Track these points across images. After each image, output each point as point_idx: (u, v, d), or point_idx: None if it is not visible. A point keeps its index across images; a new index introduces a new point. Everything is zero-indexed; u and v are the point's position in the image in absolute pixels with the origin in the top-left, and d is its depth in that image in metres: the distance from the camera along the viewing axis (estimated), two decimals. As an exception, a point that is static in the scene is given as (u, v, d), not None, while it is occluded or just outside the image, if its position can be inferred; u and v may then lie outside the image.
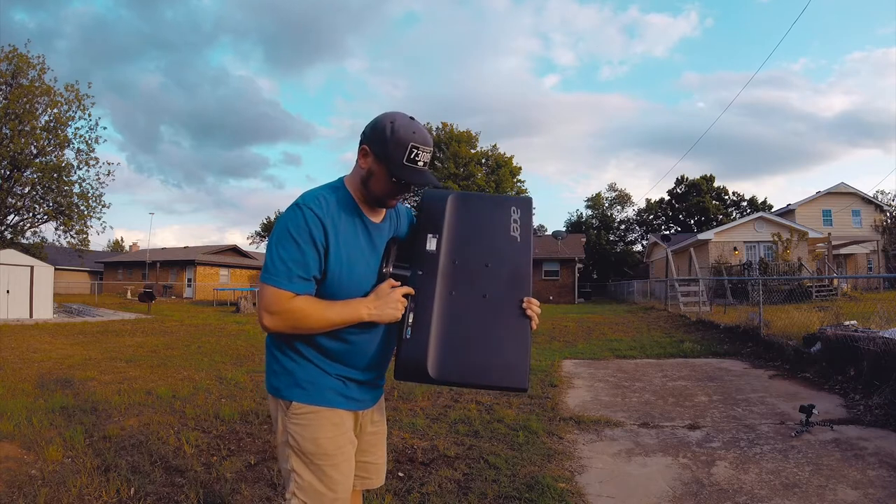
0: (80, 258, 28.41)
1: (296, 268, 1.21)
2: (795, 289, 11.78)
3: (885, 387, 4.28)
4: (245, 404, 4.46)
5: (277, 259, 1.21)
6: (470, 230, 1.42)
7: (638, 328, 11.28)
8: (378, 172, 1.29)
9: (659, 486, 2.77)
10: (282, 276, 1.21)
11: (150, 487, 2.69)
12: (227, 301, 24.37)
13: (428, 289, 1.33)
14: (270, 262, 1.22)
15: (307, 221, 1.22)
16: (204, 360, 7.25)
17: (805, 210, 28.15)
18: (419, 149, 1.26)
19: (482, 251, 1.40)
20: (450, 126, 46.71)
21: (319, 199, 1.27)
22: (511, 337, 1.32)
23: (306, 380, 1.31)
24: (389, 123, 1.27)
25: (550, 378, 5.70)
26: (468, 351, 1.30)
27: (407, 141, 1.25)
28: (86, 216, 21.40)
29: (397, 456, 3.17)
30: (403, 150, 1.25)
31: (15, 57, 19.45)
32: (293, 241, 1.22)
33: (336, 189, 1.33)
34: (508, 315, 1.34)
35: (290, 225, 1.23)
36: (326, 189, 1.33)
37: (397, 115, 1.29)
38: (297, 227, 1.22)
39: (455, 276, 1.36)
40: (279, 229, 1.25)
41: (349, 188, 1.35)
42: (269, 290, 1.21)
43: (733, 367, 6.34)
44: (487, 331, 1.32)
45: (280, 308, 1.21)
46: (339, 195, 1.32)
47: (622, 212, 54.43)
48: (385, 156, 1.26)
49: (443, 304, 1.32)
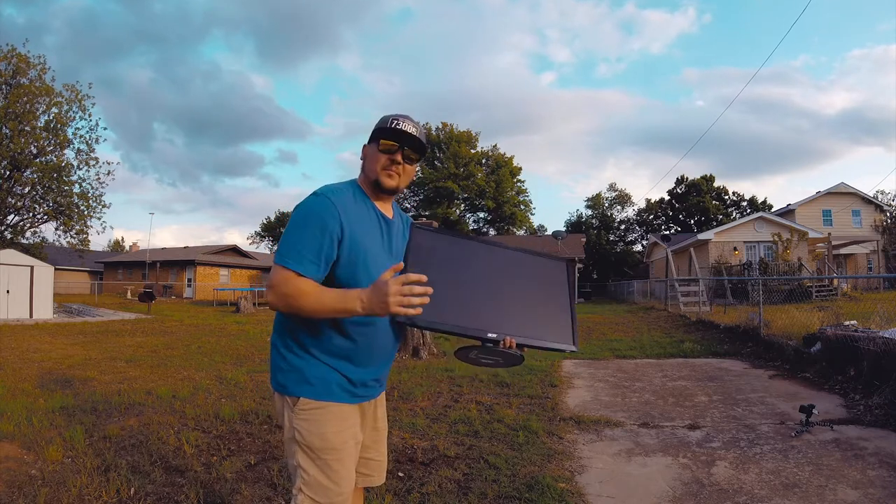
0: (80, 258, 28.45)
1: (306, 251, 1.27)
2: (795, 289, 11.78)
3: (885, 387, 4.28)
4: (245, 404, 4.46)
5: (290, 242, 1.28)
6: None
7: (638, 328, 11.28)
8: (369, 152, 1.43)
9: (659, 486, 2.77)
10: (292, 257, 1.26)
11: (150, 487, 2.69)
12: (227, 301, 24.34)
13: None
14: (283, 245, 1.29)
15: (323, 208, 1.29)
16: (204, 360, 7.25)
17: (805, 210, 28.15)
18: (398, 119, 1.39)
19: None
20: (450, 126, 46.70)
21: (337, 190, 1.36)
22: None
23: (314, 376, 1.33)
24: (382, 118, 1.43)
25: (550, 378, 5.70)
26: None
27: (387, 117, 1.41)
28: (86, 216, 21.44)
29: (397, 456, 3.17)
30: (384, 122, 1.40)
31: (14, 57, 19.46)
32: (308, 226, 1.28)
33: (352, 184, 1.44)
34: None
35: (306, 211, 1.31)
36: (344, 183, 1.43)
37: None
38: (314, 213, 1.29)
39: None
40: (297, 215, 1.32)
41: (361, 186, 1.45)
42: (278, 269, 1.28)
43: (733, 367, 6.34)
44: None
45: (281, 285, 1.26)
46: (355, 190, 1.42)
47: (622, 212, 54.47)
48: (372, 135, 1.43)
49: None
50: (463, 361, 1.42)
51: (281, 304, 1.27)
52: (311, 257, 1.26)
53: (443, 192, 44.78)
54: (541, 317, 1.44)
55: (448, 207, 45.21)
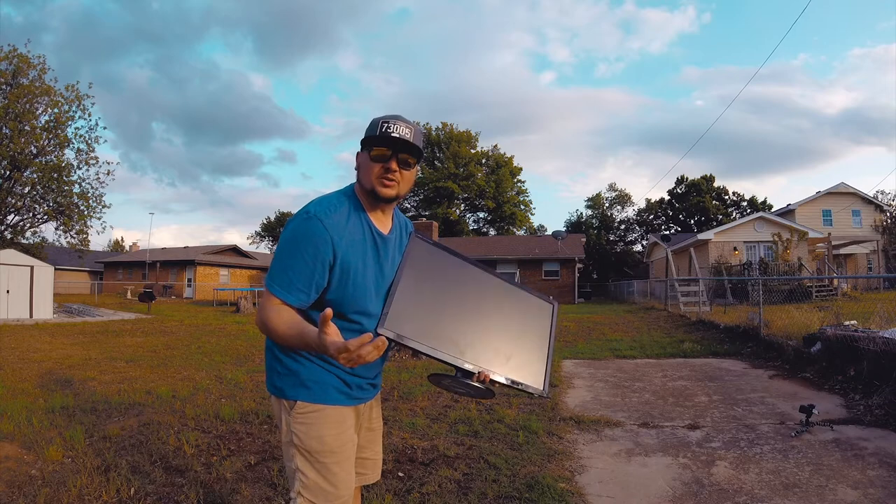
0: (80, 258, 28.36)
1: (297, 279, 1.24)
2: (795, 289, 11.78)
3: (885, 387, 4.28)
4: (245, 404, 4.46)
5: (281, 268, 1.26)
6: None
7: (638, 328, 11.28)
8: (362, 161, 1.35)
9: (659, 486, 2.77)
10: (282, 285, 1.25)
11: (150, 487, 2.69)
12: (227, 301, 24.35)
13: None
14: (275, 270, 1.27)
15: (316, 234, 1.24)
16: (204, 360, 7.25)
17: (805, 210, 28.16)
18: (388, 122, 1.29)
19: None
20: (449, 126, 46.71)
21: (330, 208, 1.29)
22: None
23: (311, 379, 1.33)
24: (371, 121, 1.35)
25: (550, 378, 5.69)
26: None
27: (376, 121, 1.31)
28: (86, 216, 21.42)
29: (397, 456, 3.17)
30: (375, 128, 1.30)
31: (15, 57, 19.47)
32: (299, 253, 1.24)
33: (348, 196, 1.36)
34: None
35: (298, 236, 1.25)
36: (339, 196, 1.35)
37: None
38: (305, 239, 1.24)
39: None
40: (288, 238, 1.27)
41: (358, 196, 1.38)
42: (265, 292, 1.29)
43: (733, 367, 6.34)
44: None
45: (262, 310, 1.28)
46: (352, 203, 1.35)
47: (622, 212, 54.51)
48: (363, 142, 1.34)
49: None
50: (435, 386, 1.43)
51: (259, 327, 1.29)
52: (301, 285, 1.24)
53: (443, 192, 44.79)
54: (519, 356, 1.44)
55: (448, 207, 45.20)
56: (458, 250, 1.51)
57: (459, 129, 46.45)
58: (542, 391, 1.45)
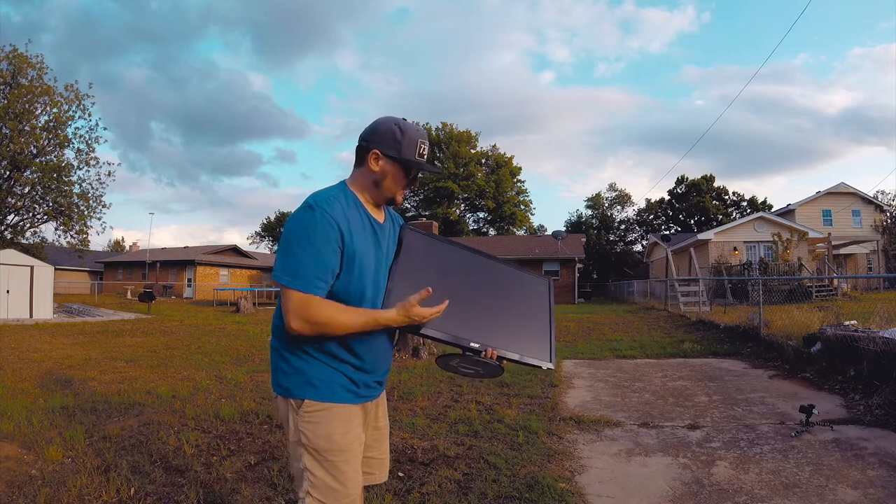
0: (80, 258, 28.40)
1: (318, 271, 1.25)
2: (795, 289, 11.78)
3: (885, 387, 4.28)
4: (245, 404, 4.46)
5: (300, 263, 1.24)
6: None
7: (638, 328, 11.28)
8: (392, 171, 1.39)
9: (659, 486, 2.77)
10: (307, 281, 1.24)
11: (150, 487, 2.69)
12: (227, 301, 24.35)
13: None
14: (295, 266, 1.25)
15: (324, 224, 1.26)
16: (204, 360, 7.25)
17: (805, 210, 28.16)
18: (424, 144, 1.41)
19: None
20: (449, 126, 46.72)
21: (330, 199, 1.31)
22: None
23: (318, 377, 1.33)
24: (396, 127, 1.38)
25: (550, 378, 5.69)
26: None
27: (416, 139, 1.39)
28: (86, 216, 21.40)
29: (397, 456, 3.17)
30: (414, 147, 1.39)
31: (15, 57, 19.46)
32: (312, 244, 1.25)
33: (344, 190, 1.39)
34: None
35: (308, 227, 1.26)
36: (335, 190, 1.38)
37: (395, 118, 1.41)
38: (315, 229, 1.25)
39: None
40: (297, 231, 1.27)
41: (354, 190, 1.40)
42: (296, 295, 1.24)
43: (733, 367, 6.34)
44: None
45: (309, 313, 1.24)
46: (348, 196, 1.38)
47: (622, 212, 54.51)
48: (399, 155, 1.38)
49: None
50: (444, 369, 1.45)
51: (309, 331, 1.26)
52: (323, 275, 1.26)
53: (443, 192, 44.80)
54: (522, 331, 1.47)
55: (448, 207, 45.21)
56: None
57: (459, 129, 46.47)
58: (549, 363, 1.47)
